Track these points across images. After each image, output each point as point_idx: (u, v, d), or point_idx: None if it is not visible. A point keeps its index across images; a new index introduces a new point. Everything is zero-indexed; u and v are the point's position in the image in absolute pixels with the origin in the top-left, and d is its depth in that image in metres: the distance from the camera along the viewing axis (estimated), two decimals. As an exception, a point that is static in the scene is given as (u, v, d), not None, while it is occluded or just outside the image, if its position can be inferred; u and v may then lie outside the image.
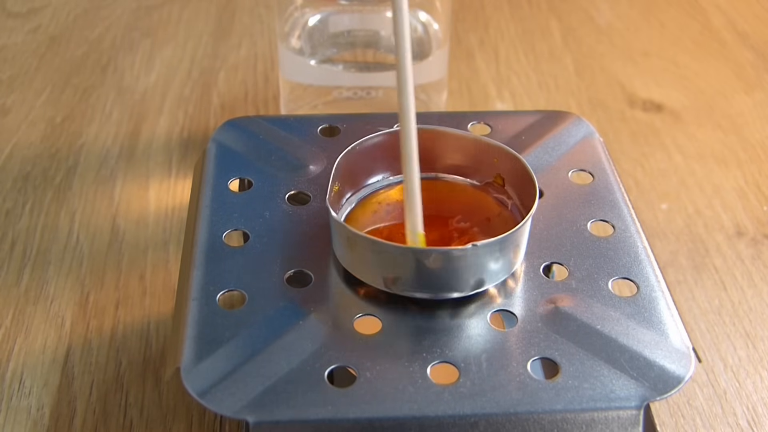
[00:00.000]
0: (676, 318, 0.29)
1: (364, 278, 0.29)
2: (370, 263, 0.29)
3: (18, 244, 0.44)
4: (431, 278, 0.28)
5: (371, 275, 0.29)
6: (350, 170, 0.32)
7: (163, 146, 0.50)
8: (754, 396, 0.37)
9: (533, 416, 0.26)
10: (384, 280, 0.29)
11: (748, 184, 0.49)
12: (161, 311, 0.40)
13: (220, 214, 0.32)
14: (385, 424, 0.25)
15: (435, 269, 0.28)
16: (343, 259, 0.30)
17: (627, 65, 0.59)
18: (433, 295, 0.29)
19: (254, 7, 0.64)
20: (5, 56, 0.59)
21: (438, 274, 0.28)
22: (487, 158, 0.33)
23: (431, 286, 0.28)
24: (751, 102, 0.55)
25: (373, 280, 0.29)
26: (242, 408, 0.25)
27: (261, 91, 0.55)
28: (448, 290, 0.29)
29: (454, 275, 0.28)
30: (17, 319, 0.39)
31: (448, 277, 0.28)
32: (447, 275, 0.28)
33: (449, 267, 0.28)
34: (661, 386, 0.26)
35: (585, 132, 0.37)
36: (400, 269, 0.28)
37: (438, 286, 0.28)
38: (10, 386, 0.36)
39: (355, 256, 0.29)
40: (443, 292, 0.29)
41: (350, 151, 0.32)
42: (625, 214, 0.33)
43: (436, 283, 0.28)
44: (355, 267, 0.29)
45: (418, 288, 0.28)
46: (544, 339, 0.28)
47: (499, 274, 0.29)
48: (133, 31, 0.61)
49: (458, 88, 0.56)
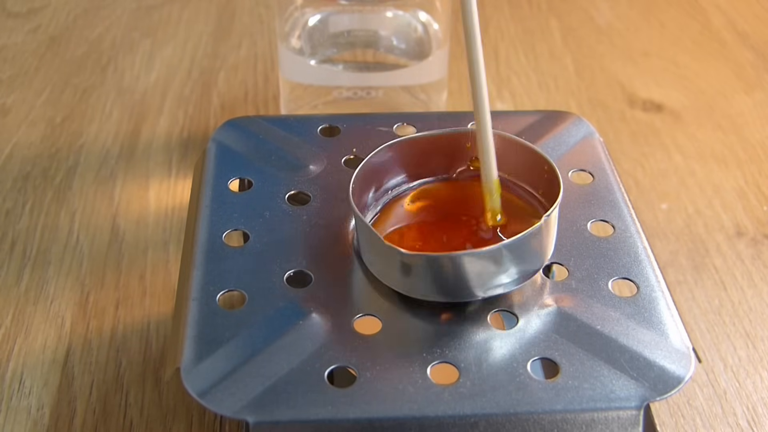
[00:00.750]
0: (676, 318, 0.29)
1: (391, 284, 0.29)
2: (394, 269, 0.29)
3: (18, 244, 0.44)
4: (459, 282, 0.28)
5: (395, 281, 0.29)
6: (374, 174, 0.32)
7: (163, 146, 0.50)
8: (754, 396, 0.37)
9: (533, 416, 0.26)
10: (403, 284, 0.29)
11: (748, 184, 0.49)
12: (161, 311, 0.40)
13: (220, 214, 0.32)
14: (385, 424, 0.25)
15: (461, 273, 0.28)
16: (370, 263, 0.30)
17: (627, 65, 0.59)
18: (454, 299, 0.29)
19: (254, 7, 0.64)
20: (5, 56, 0.59)
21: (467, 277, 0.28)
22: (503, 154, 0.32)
23: (454, 292, 0.28)
24: (751, 102, 0.55)
25: (397, 285, 0.29)
26: (242, 408, 0.25)
27: (261, 91, 0.55)
28: (469, 294, 0.28)
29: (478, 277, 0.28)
30: (17, 319, 0.39)
31: (476, 279, 0.28)
32: (471, 277, 0.28)
33: (473, 270, 0.28)
34: (661, 386, 0.26)
35: (585, 132, 0.37)
36: (418, 274, 0.28)
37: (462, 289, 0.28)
38: (10, 386, 0.36)
39: (380, 260, 0.29)
40: (465, 297, 0.29)
41: (376, 154, 0.31)
42: (625, 214, 0.33)
43: (460, 287, 0.28)
44: (383, 273, 0.29)
45: (444, 293, 0.28)
46: (544, 339, 0.28)
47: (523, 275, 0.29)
48: (133, 31, 0.62)
49: (458, 88, 0.56)
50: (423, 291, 0.28)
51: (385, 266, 0.29)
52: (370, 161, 0.31)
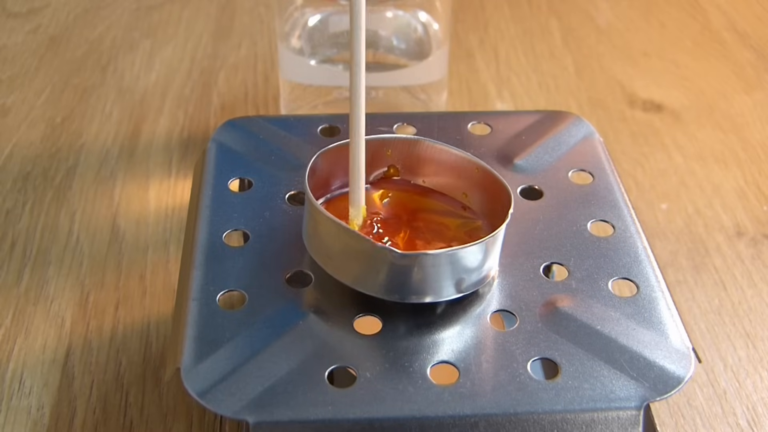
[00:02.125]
0: (676, 318, 0.29)
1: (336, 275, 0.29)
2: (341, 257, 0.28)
3: (18, 244, 0.44)
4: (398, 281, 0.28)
5: (343, 273, 0.29)
6: (321, 175, 0.32)
7: (163, 146, 0.50)
8: (754, 396, 0.37)
9: (533, 416, 0.26)
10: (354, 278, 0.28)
11: (748, 184, 0.49)
12: (161, 311, 0.40)
13: (220, 214, 0.32)
14: (385, 425, 0.25)
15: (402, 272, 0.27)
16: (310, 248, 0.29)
17: (627, 65, 0.59)
18: (401, 299, 0.28)
19: (254, 7, 0.64)
20: (5, 56, 0.59)
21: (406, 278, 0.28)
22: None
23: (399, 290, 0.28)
24: (751, 102, 0.55)
25: (345, 278, 0.29)
26: (242, 408, 0.25)
27: (261, 91, 0.55)
28: (420, 294, 0.28)
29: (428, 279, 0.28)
30: (17, 319, 0.39)
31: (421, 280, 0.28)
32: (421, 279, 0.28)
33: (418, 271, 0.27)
34: (661, 386, 0.26)
35: (585, 132, 0.37)
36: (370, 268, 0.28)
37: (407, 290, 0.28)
38: (10, 386, 0.36)
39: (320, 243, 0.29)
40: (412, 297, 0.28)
41: (321, 155, 0.31)
42: (625, 214, 0.33)
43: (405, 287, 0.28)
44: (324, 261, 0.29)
45: (384, 291, 0.28)
46: (544, 339, 0.28)
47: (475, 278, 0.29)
48: (133, 31, 0.62)
49: (458, 88, 0.56)
50: (374, 289, 0.28)
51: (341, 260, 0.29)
52: (312, 168, 0.31)
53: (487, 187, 0.31)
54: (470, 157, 0.31)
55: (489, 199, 0.31)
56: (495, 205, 0.30)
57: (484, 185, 0.31)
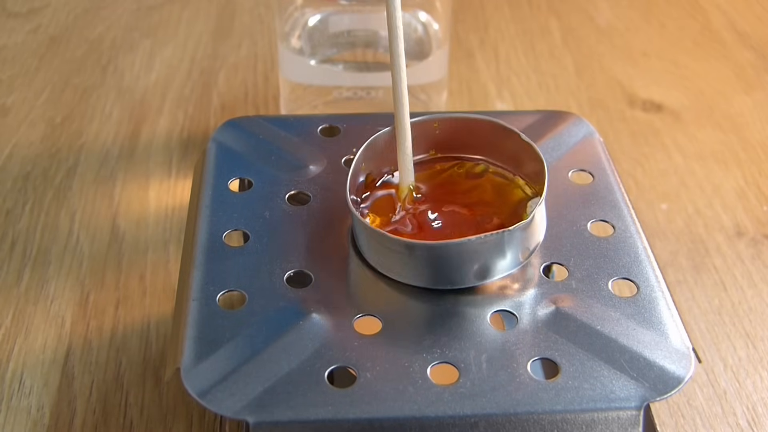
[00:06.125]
0: (676, 318, 0.29)
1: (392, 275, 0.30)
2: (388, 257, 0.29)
3: (18, 244, 0.44)
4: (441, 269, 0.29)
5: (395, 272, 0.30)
6: (365, 166, 0.32)
7: (163, 146, 0.50)
8: (754, 396, 0.37)
9: (533, 416, 0.26)
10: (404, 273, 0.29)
11: (748, 184, 0.49)
12: (161, 311, 0.40)
13: (220, 214, 0.32)
14: (385, 425, 0.25)
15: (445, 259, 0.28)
16: (365, 252, 0.30)
17: (627, 65, 0.59)
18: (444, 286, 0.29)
19: (254, 7, 0.64)
20: (5, 56, 0.59)
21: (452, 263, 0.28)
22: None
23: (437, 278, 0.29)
24: (751, 102, 0.55)
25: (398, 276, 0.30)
26: (242, 408, 0.25)
27: (261, 91, 0.55)
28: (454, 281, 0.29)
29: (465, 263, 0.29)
30: (17, 319, 0.40)
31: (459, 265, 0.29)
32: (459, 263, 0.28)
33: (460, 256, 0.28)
34: (661, 387, 0.26)
35: (585, 132, 0.37)
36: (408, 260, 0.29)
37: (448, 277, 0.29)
38: (10, 386, 0.36)
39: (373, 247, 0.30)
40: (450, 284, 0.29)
41: (370, 143, 0.32)
42: (625, 214, 0.33)
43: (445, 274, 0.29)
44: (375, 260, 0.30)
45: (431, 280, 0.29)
46: (544, 339, 0.28)
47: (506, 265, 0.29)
48: (133, 31, 0.62)
49: (458, 88, 0.56)
50: (423, 279, 0.29)
51: (385, 258, 0.29)
52: (361, 155, 0.32)
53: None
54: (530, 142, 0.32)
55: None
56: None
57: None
